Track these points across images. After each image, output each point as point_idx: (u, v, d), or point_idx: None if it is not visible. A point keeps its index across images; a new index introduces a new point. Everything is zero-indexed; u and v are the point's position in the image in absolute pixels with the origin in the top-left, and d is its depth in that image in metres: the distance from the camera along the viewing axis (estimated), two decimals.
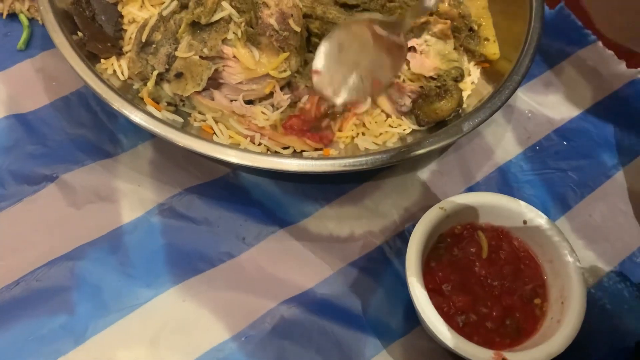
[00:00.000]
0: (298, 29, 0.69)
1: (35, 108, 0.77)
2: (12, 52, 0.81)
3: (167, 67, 0.70)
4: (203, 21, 0.68)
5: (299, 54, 0.72)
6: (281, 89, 0.73)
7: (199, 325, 0.64)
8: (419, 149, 0.68)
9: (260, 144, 0.71)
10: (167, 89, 0.72)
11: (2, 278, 0.65)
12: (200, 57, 0.69)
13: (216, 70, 0.70)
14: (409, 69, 0.74)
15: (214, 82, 0.72)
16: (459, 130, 0.69)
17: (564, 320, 0.58)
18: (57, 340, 0.62)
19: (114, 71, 0.73)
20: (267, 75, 0.70)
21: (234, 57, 0.70)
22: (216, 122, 0.72)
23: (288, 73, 0.70)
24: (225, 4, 0.68)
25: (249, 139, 0.71)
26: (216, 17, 0.68)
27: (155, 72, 0.70)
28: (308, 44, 0.74)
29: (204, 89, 0.71)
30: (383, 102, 0.74)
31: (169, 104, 0.72)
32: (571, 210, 0.75)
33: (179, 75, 0.70)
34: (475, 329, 0.60)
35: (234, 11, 0.68)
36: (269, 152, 0.70)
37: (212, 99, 0.72)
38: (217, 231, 0.70)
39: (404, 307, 0.66)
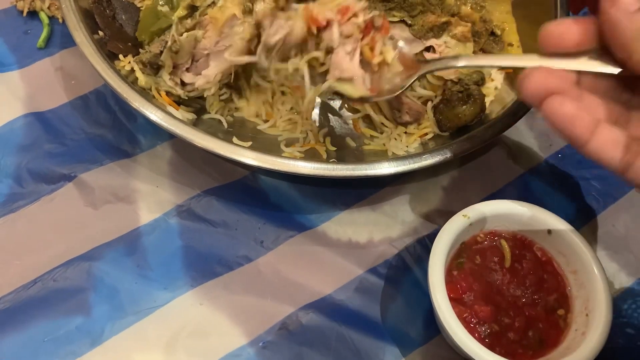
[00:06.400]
0: None
1: (54, 106, 0.76)
2: (32, 50, 0.81)
3: (161, 49, 0.69)
4: (198, 3, 0.68)
5: None
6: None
7: (216, 329, 0.63)
8: (440, 157, 0.67)
9: None
10: (167, 77, 0.70)
11: (19, 277, 0.64)
12: (186, 29, 0.68)
13: (199, 42, 0.68)
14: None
15: (202, 60, 0.70)
16: (482, 137, 0.68)
17: (589, 333, 0.57)
18: (73, 341, 0.61)
19: (132, 69, 0.73)
20: (233, 17, 0.67)
21: (211, 19, 0.68)
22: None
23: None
24: None
25: None
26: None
27: (147, 54, 0.69)
28: None
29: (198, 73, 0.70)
30: (383, 104, 0.73)
31: (168, 93, 0.71)
32: (594, 219, 0.73)
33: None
34: (497, 340, 0.59)
35: None
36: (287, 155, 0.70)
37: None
38: (235, 234, 0.69)
39: (424, 315, 0.65)
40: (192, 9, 0.69)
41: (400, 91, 0.63)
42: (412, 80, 0.63)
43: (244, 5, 0.67)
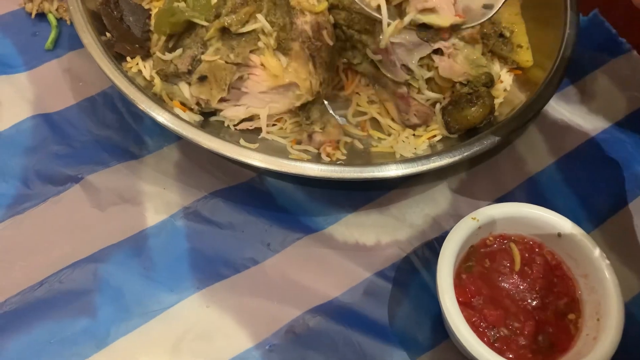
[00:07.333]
0: (331, 43, 0.68)
1: (61, 108, 0.76)
2: (40, 52, 0.81)
3: (190, 68, 0.69)
4: (233, 29, 0.67)
5: (328, 70, 0.70)
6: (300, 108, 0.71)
7: (222, 332, 0.63)
8: (449, 159, 0.66)
9: None
10: (186, 90, 0.71)
11: (25, 279, 0.64)
12: (226, 62, 0.68)
13: (241, 78, 0.69)
14: (439, 73, 0.73)
15: (237, 92, 0.70)
16: (491, 140, 0.68)
17: (601, 338, 0.56)
18: (79, 343, 0.61)
19: (139, 70, 0.73)
20: (293, 84, 0.69)
21: (261, 65, 0.69)
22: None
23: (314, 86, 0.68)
24: (259, 17, 0.67)
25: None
26: (248, 28, 0.68)
27: (171, 67, 0.69)
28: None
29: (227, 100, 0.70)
30: (390, 107, 0.73)
31: (181, 103, 0.71)
32: (604, 223, 0.72)
33: (203, 78, 0.69)
34: (506, 345, 0.58)
35: (267, 24, 0.67)
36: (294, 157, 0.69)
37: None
38: (242, 236, 0.68)
39: (432, 319, 0.64)
40: (223, 31, 0.68)
41: (493, 13, 0.57)
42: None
43: (310, 83, 0.66)
